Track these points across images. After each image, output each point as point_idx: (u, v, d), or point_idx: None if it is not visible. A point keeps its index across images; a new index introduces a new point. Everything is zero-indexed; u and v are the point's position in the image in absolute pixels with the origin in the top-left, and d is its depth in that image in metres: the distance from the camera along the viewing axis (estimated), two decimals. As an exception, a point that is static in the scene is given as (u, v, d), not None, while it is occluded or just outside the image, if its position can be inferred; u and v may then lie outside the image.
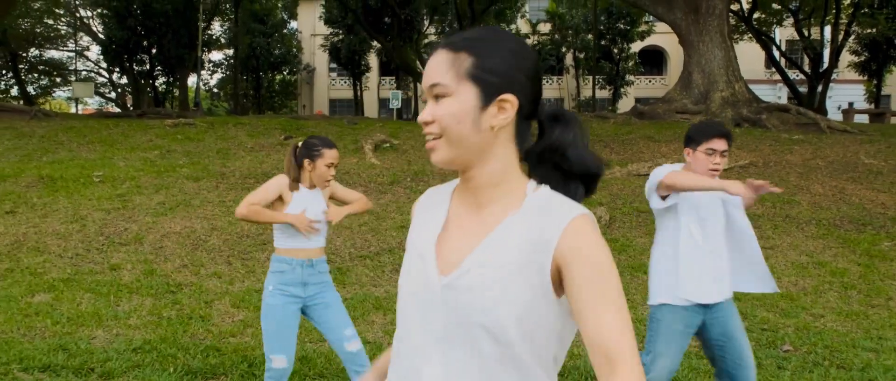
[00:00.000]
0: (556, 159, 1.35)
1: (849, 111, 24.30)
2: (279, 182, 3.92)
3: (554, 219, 1.26)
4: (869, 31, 33.88)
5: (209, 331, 6.00)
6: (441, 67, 1.30)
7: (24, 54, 42.64)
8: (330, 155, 3.92)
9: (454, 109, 1.28)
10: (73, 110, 52.23)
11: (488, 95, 1.28)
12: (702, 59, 18.89)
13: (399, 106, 28.98)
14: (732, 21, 33.64)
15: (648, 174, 3.72)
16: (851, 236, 9.47)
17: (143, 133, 13.98)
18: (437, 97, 1.30)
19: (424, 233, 1.39)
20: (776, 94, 45.63)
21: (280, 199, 3.91)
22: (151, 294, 6.84)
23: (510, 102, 1.29)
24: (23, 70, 43.09)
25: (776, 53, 35.01)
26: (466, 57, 1.29)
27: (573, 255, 1.23)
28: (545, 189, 1.33)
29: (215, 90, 52.74)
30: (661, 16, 20.18)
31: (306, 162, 3.91)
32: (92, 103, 53.11)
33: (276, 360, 3.78)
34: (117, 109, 46.85)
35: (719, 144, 3.41)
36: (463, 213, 1.37)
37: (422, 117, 1.31)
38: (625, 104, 42.81)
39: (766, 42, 33.72)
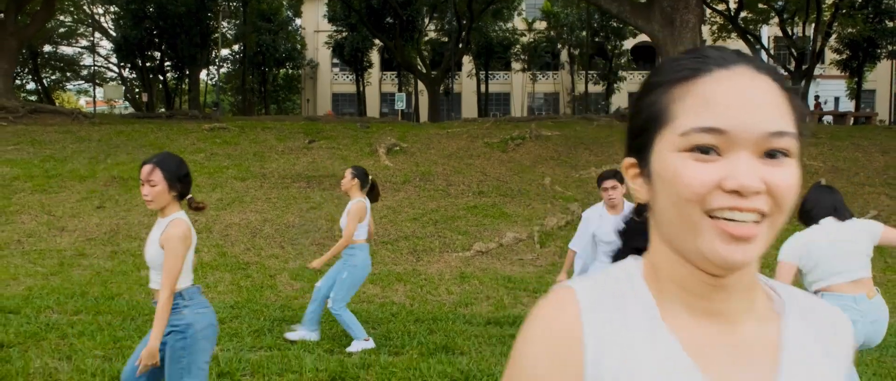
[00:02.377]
0: None
1: (815, 113, 26.43)
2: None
3: (833, 318, 0.94)
4: (849, 30, 35.97)
5: (278, 296, 8.22)
6: (782, 108, 0.83)
7: (41, 50, 44.63)
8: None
9: (796, 177, 0.82)
10: (81, 104, 54.24)
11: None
12: (676, 68, 21.02)
13: (404, 108, 31.06)
14: (719, 20, 35.78)
15: None
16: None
17: (184, 136, 16.16)
18: (775, 153, 0.81)
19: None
20: (763, 91, 47.39)
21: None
22: (228, 270, 9.05)
23: None
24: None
25: (761, 52, 37.04)
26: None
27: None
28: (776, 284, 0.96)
29: (221, 85, 54.79)
30: (640, 27, 22.32)
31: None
32: (101, 98, 55.11)
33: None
34: (126, 104, 48.99)
35: (610, 183, 5.40)
36: (704, 334, 0.87)
37: (748, 182, 0.78)
38: (619, 99, 44.85)
39: (751, 41, 35.58)
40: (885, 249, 11.02)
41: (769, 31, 43.75)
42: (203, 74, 45.26)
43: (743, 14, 35.05)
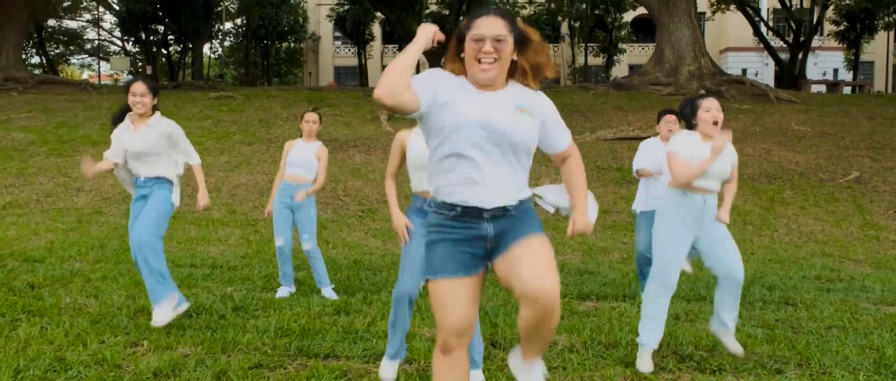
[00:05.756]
0: None
1: (806, 83, 26.81)
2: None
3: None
4: (847, 2, 36.16)
5: (285, 249, 8.72)
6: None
7: (45, 24, 44.92)
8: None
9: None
10: (84, 77, 54.47)
11: None
12: (672, 38, 21.45)
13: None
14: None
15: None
16: (762, 187, 12.19)
17: (192, 105, 16.64)
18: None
19: None
20: (764, 61, 47.53)
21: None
22: (237, 226, 9.57)
23: None
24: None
25: (760, 25, 37.23)
26: None
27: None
28: None
29: (224, 58, 55.07)
30: (637, -2, 22.68)
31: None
32: (105, 72, 55.44)
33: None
34: (130, 77, 49.26)
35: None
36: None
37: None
38: (618, 71, 45.01)
39: (750, 13, 35.74)
40: (863, 207, 11.53)
41: (768, 3, 43.90)
42: (206, 48, 45.56)
43: (742, -15, 35.25)
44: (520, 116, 2.54)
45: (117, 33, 48.31)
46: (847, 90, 29.39)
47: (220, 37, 44.39)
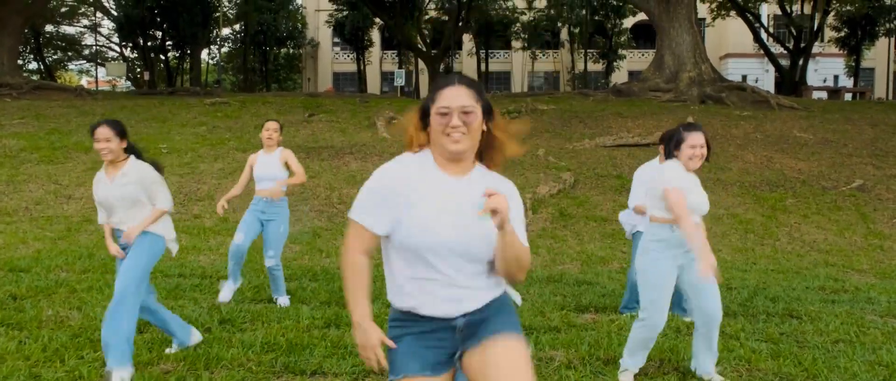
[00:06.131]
0: None
1: (807, 89, 26.66)
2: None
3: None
4: (848, 8, 36.00)
5: (277, 258, 8.53)
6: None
7: (42, 30, 44.80)
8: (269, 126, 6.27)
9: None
10: (82, 83, 54.31)
11: None
12: (672, 43, 21.30)
13: (403, 84, 31.24)
14: (718, -2, 35.77)
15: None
16: (764, 195, 12.01)
17: (186, 111, 16.46)
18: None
19: None
20: (764, 68, 47.40)
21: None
22: (229, 234, 9.34)
23: None
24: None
25: (760, 31, 37.06)
26: None
27: None
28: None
29: (222, 64, 54.93)
30: (636, 4, 22.58)
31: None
32: (103, 77, 55.28)
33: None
34: (129, 84, 49.12)
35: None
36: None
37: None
38: (618, 77, 44.84)
39: (750, 19, 35.54)
40: (867, 215, 11.35)
41: (768, 10, 43.76)
42: (204, 54, 45.47)
43: (742, -8, 35.11)
44: (482, 224, 2.19)
45: (115, 39, 48.22)
46: (847, 97, 29.24)
47: (217, 42, 44.17)
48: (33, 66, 46.73)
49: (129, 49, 47.76)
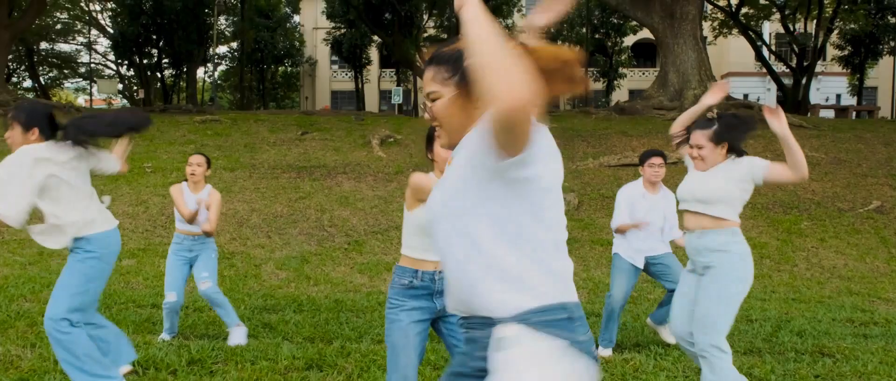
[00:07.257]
0: None
1: (815, 107, 26.17)
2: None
3: None
4: (851, 26, 35.58)
5: (261, 285, 7.95)
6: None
7: (37, 48, 44.37)
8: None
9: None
10: (80, 102, 53.86)
11: None
12: (677, 60, 20.78)
13: (401, 102, 30.78)
14: (720, 16, 35.42)
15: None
16: (778, 217, 11.42)
17: (175, 128, 15.90)
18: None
19: None
20: (765, 86, 46.99)
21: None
22: (212, 260, 8.76)
23: None
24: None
25: (762, 48, 36.62)
26: None
27: None
28: None
29: (219, 82, 54.51)
30: (640, 19, 22.07)
31: None
32: (98, 95, 54.81)
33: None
34: (125, 102, 48.64)
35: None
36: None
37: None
38: (619, 96, 44.47)
39: (752, 37, 35.13)
40: (887, 239, 10.76)
41: (771, 28, 43.36)
42: (201, 72, 45.02)
43: (744, 10, 34.71)
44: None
45: (111, 57, 47.77)
46: (852, 115, 28.78)
47: (213, 60, 43.74)
48: (28, 84, 46.26)
49: (125, 67, 47.35)
